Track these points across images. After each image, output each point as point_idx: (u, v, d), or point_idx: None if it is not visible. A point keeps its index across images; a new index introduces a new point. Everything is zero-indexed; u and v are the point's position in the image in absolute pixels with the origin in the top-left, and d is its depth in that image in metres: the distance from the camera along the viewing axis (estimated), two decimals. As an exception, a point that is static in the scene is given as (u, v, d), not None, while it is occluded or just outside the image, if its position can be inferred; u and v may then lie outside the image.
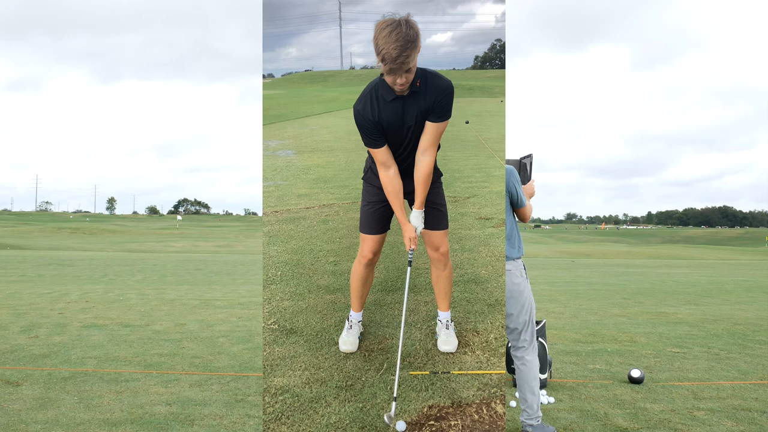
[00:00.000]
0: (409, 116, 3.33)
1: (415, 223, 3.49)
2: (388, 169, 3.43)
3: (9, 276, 15.43)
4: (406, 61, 3.03)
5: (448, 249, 3.73)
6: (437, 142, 3.42)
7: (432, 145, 3.39)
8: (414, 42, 3.03)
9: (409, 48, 3.01)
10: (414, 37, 3.03)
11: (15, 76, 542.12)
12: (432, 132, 3.37)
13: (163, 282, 14.43)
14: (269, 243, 5.98)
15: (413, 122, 3.36)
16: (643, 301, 11.51)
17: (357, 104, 3.36)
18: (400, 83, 3.16)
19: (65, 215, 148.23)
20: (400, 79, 3.13)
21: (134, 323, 7.83)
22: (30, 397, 4.36)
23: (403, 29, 3.00)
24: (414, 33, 3.03)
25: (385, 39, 2.99)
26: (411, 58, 3.05)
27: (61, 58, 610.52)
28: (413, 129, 3.38)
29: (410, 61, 3.06)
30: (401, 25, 3.01)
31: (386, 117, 3.32)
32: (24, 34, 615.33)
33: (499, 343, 3.89)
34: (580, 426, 3.86)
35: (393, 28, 3.00)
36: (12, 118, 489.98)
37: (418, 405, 3.28)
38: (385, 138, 3.39)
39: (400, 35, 2.99)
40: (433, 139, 3.39)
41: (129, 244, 49.74)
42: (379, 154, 3.41)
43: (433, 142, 3.39)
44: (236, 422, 3.88)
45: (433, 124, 3.35)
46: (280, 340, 3.92)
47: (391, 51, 2.99)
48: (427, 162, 3.40)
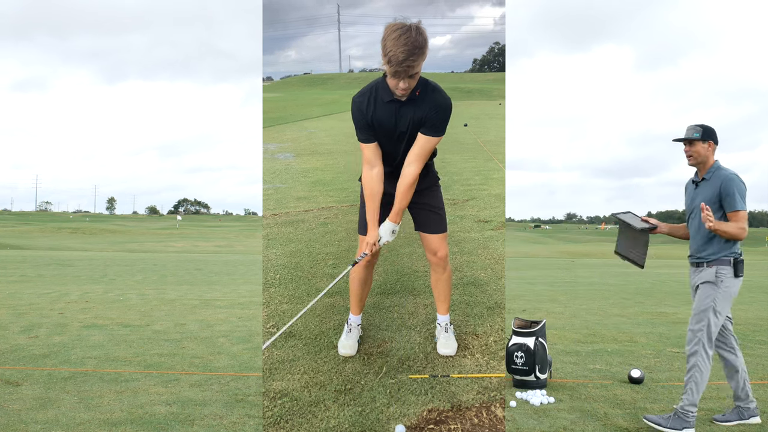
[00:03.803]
0: (402, 122, 3.36)
1: (381, 232, 3.48)
2: (372, 169, 3.46)
3: (9, 276, 15.44)
4: (412, 65, 3.07)
5: (446, 253, 3.73)
6: (425, 156, 3.41)
7: (418, 158, 3.38)
8: (422, 48, 3.06)
9: (416, 54, 3.04)
10: (422, 44, 3.06)
11: (22, 77, 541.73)
12: (421, 144, 3.37)
13: (163, 282, 14.43)
14: (268, 246, 5.98)
15: (406, 129, 3.38)
16: (643, 301, 11.51)
17: (357, 96, 3.41)
18: (402, 87, 3.19)
19: (65, 215, 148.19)
20: (403, 83, 3.16)
21: (134, 323, 7.83)
22: (30, 397, 4.36)
23: (412, 34, 3.03)
24: (423, 39, 3.07)
25: (394, 42, 3.03)
26: (417, 64, 3.08)
27: (67, 58, 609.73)
28: (407, 137, 3.40)
29: (416, 66, 3.09)
30: (411, 30, 3.04)
31: (379, 117, 3.36)
32: (30, 35, 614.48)
33: (498, 346, 3.89)
34: (580, 426, 3.87)
35: (403, 32, 3.03)
36: (16, 118, 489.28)
37: (417, 409, 3.28)
38: (376, 137, 3.42)
39: (408, 40, 3.02)
40: (421, 151, 3.38)
41: (129, 244, 49.76)
42: (367, 150, 3.45)
43: (420, 153, 3.38)
44: (236, 422, 3.89)
45: (424, 136, 3.36)
46: (279, 344, 3.92)
47: (398, 54, 3.02)
48: (409, 173, 3.39)
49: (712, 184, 3.86)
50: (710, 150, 3.93)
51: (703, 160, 3.94)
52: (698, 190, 3.96)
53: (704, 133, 3.90)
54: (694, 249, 3.96)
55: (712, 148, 3.93)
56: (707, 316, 3.79)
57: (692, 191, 4.03)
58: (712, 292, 3.80)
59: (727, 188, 3.79)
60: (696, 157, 3.94)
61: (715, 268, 3.82)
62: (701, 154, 3.92)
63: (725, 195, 3.79)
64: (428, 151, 3.40)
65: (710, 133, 3.91)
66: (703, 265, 3.88)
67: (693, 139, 3.92)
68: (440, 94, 3.36)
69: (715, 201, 3.82)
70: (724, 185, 3.80)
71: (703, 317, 3.80)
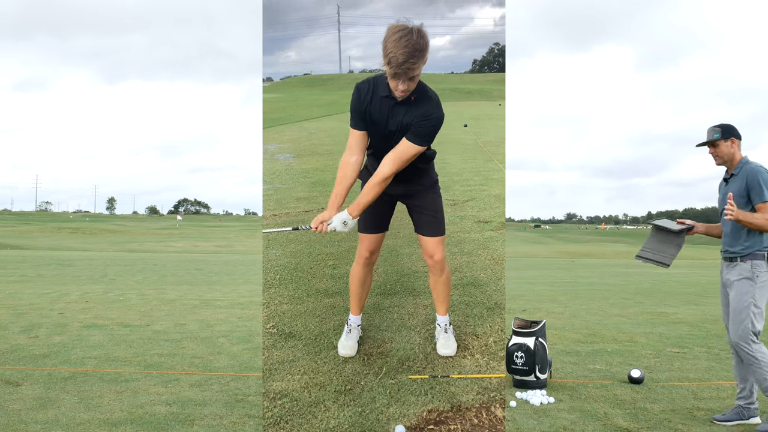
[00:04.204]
0: (392, 121, 3.36)
1: (335, 221, 3.38)
2: (351, 156, 3.45)
3: (9, 276, 15.44)
4: (412, 67, 3.06)
5: (443, 257, 3.70)
6: (402, 161, 3.33)
7: (394, 161, 3.32)
8: (422, 51, 3.06)
9: (416, 56, 3.04)
10: (423, 47, 3.06)
11: (22, 77, 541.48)
12: (402, 147, 3.32)
13: (163, 282, 14.43)
14: (268, 246, 5.98)
15: (395, 129, 3.37)
16: (643, 301, 11.52)
17: (361, 83, 3.42)
18: (402, 89, 3.19)
19: (65, 215, 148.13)
20: (402, 85, 3.16)
21: (134, 323, 7.84)
22: (30, 397, 4.36)
23: (413, 37, 3.03)
24: (424, 43, 3.06)
25: (395, 43, 3.02)
26: (417, 66, 3.08)
27: (68, 58, 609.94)
28: (396, 136, 3.38)
29: (415, 69, 3.09)
30: (412, 33, 3.04)
31: (373, 109, 3.36)
32: (30, 35, 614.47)
33: (498, 346, 3.90)
34: (580, 426, 3.87)
35: (404, 34, 3.03)
36: (17, 118, 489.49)
37: (417, 409, 3.28)
38: (366, 128, 3.41)
39: (409, 42, 3.02)
40: (400, 154, 3.31)
41: (129, 244, 49.74)
42: (353, 137, 3.45)
43: (397, 157, 3.32)
44: (236, 422, 3.89)
45: (406, 141, 3.32)
46: (279, 344, 3.93)
47: (398, 56, 3.02)
48: (381, 171, 3.33)
49: (740, 178, 3.90)
50: (734, 147, 3.97)
51: (729, 158, 3.99)
52: (728, 186, 3.99)
53: (724, 132, 3.95)
54: (727, 244, 3.98)
55: (736, 144, 3.97)
56: (749, 312, 3.81)
57: (723, 189, 4.07)
58: (750, 288, 3.82)
59: (752, 180, 3.82)
60: (721, 156, 3.99)
61: (750, 263, 3.83)
62: (725, 153, 3.97)
63: (751, 187, 3.82)
64: (407, 156, 3.33)
65: (730, 130, 3.96)
66: (736, 260, 3.90)
67: (714, 140, 3.95)
68: (434, 104, 3.32)
69: (743, 195, 3.85)
70: (750, 178, 3.83)
71: (744, 315, 3.82)
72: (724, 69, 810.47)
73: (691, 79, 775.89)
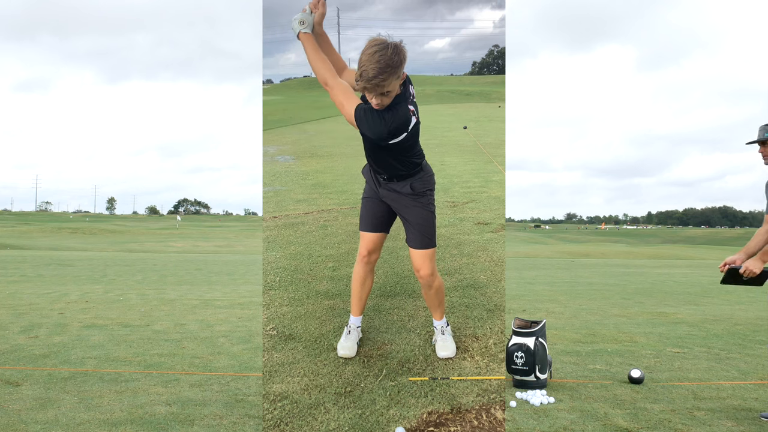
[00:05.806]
0: None
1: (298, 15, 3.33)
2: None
3: (9, 276, 15.43)
4: (381, 84, 3.01)
5: (430, 272, 3.58)
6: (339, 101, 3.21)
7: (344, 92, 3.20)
8: (394, 68, 3.01)
9: (387, 72, 2.99)
10: (396, 64, 3.01)
11: (25, 77, 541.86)
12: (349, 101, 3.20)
13: (163, 282, 14.43)
14: (268, 248, 5.99)
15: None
16: (643, 301, 11.52)
17: None
18: (375, 103, 3.14)
19: (65, 215, 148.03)
20: (376, 99, 3.11)
21: (134, 323, 7.84)
22: (30, 397, 4.37)
23: (387, 53, 3.00)
24: (398, 60, 3.02)
25: (368, 57, 3.00)
26: (387, 83, 3.02)
27: (70, 58, 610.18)
28: (376, 147, 3.35)
29: (386, 85, 3.03)
30: (387, 49, 3.01)
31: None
32: (32, 35, 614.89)
33: (498, 348, 3.90)
34: (580, 426, 3.87)
35: (379, 49, 3.00)
36: (18, 118, 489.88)
37: (417, 411, 3.29)
38: None
39: (383, 57, 2.98)
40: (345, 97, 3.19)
41: (129, 244, 49.73)
42: None
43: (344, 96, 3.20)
44: (236, 422, 3.89)
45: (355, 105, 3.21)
46: (279, 346, 3.93)
47: (369, 70, 2.99)
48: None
49: None
50: None
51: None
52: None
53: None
54: None
55: None
56: None
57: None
58: None
59: None
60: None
61: None
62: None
63: None
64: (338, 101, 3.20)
65: None
66: None
67: (765, 139, 3.92)
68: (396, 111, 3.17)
69: None
70: None
71: None
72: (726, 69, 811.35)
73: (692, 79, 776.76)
